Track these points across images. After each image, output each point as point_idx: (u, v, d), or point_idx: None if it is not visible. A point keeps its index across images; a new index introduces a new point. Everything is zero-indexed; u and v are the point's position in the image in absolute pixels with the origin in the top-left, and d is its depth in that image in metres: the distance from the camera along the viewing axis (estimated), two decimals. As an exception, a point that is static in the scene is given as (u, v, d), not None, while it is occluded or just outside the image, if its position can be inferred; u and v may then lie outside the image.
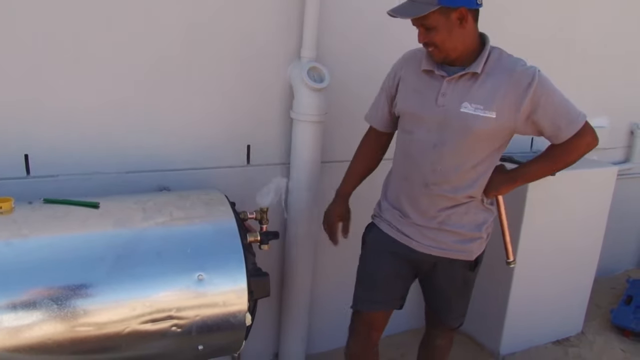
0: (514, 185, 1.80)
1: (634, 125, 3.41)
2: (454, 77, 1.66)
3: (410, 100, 1.76)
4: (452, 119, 1.66)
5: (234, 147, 2.20)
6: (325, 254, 2.52)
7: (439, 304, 1.99)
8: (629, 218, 3.68)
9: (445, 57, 1.65)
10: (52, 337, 1.43)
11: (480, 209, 1.81)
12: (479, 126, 1.63)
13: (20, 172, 1.86)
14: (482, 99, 1.63)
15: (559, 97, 1.64)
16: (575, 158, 1.71)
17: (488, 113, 1.62)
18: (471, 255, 1.83)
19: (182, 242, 1.62)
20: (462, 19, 1.58)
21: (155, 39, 1.93)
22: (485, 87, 1.63)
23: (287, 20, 2.13)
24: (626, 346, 2.91)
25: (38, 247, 1.49)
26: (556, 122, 1.64)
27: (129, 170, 2.01)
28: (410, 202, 1.81)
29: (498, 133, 1.68)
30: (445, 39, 1.60)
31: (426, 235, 1.80)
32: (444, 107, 1.67)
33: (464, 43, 1.62)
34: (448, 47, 1.62)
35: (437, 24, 1.58)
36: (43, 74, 1.80)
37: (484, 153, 1.71)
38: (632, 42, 3.22)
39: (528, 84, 1.60)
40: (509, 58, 1.68)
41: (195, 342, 1.60)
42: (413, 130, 1.76)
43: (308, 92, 2.11)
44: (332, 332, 2.70)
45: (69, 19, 1.78)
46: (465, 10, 1.57)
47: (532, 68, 1.64)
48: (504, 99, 1.62)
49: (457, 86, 1.66)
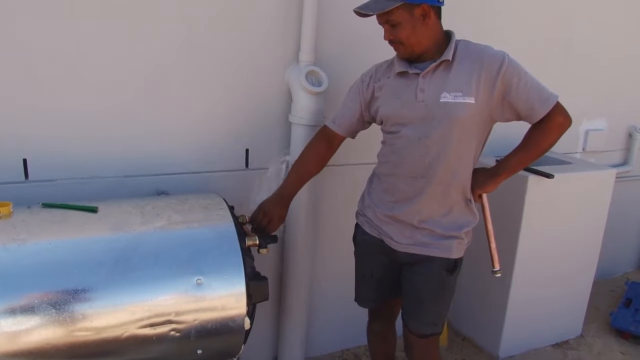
0: (497, 180, 1.81)
1: (632, 128, 3.41)
2: (428, 70, 1.70)
3: (391, 103, 1.78)
4: (434, 111, 1.69)
5: (233, 150, 2.20)
6: (323, 258, 2.52)
7: (412, 306, 1.91)
8: (627, 220, 3.68)
9: (411, 53, 1.71)
10: (51, 342, 1.42)
11: (463, 211, 1.82)
12: (461, 113, 1.67)
13: (19, 177, 1.86)
14: (459, 85, 1.67)
15: (530, 78, 1.68)
16: (551, 140, 1.73)
17: (467, 99, 1.66)
18: (449, 252, 1.81)
19: (181, 246, 1.61)
20: (425, 15, 1.64)
21: (154, 44, 1.93)
22: (460, 74, 1.67)
23: (285, 24, 2.13)
24: (625, 349, 2.91)
25: (36, 251, 1.49)
26: (529, 102, 1.67)
27: (128, 174, 2.01)
28: (397, 195, 1.82)
29: (479, 119, 1.71)
30: (410, 35, 1.66)
31: (404, 233, 1.82)
32: (424, 101, 1.70)
33: (428, 38, 1.68)
34: (413, 43, 1.68)
35: (401, 20, 1.64)
36: (42, 79, 1.80)
37: (467, 143, 1.73)
38: (631, 45, 3.22)
39: (499, 67, 1.64)
40: (477, 46, 1.72)
41: (194, 346, 1.60)
42: (399, 130, 1.78)
43: (306, 95, 2.11)
44: (331, 336, 2.70)
45: (69, 23, 1.79)
46: (427, 7, 1.63)
47: (500, 52, 1.69)
48: (479, 84, 1.66)
49: (433, 79, 1.70)
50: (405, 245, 1.83)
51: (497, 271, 1.96)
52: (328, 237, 2.50)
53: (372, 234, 1.92)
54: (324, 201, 2.37)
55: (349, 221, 2.04)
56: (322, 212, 2.36)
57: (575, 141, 3.18)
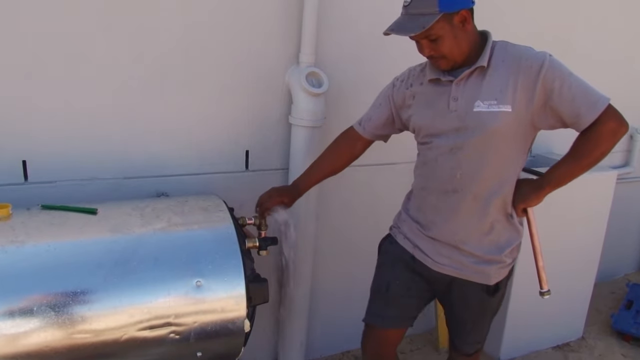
0: (542, 193, 1.63)
1: (633, 129, 3.40)
2: (461, 77, 1.59)
3: (423, 113, 1.69)
4: (467, 121, 1.58)
5: (233, 152, 2.19)
6: (324, 260, 2.51)
7: (454, 326, 1.88)
8: (628, 222, 3.68)
9: (454, 64, 1.59)
10: (50, 344, 1.42)
11: (505, 227, 1.68)
12: (496, 123, 1.54)
13: (18, 178, 1.85)
14: (493, 93, 1.54)
15: (576, 81, 1.51)
16: (603, 149, 1.53)
17: (503, 107, 1.52)
18: (488, 278, 1.70)
19: (181, 248, 1.61)
20: (464, 21, 1.53)
21: (154, 45, 1.92)
22: (495, 81, 1.54)
23: (286, 25, 2.13)
24: (627, 351, 2.90)
25: (35, 253, 1.48)
26: (575, 107, 1.50)
27: (127, 176, 2.01)
28: (430, 213, 1.73)
29: (517, 128, 1.56)
30: (452, 46, 1.54)
31: (441, 252, 1.71)
32: (457, 111, 1.59)
33: (468, 44, 1.57)
34: (456, 54, 1.56)
35: (442, 33, 1.52)
36: (41, 80, 1.80)
37: (505, 155, 1.60)
38: (631, 46, 3.22)
39: (538, 69, 1.50)
40: (515, 47, 1.59)
41: (194, 348, 1.59)
42: (431, 140, 1.68)
43: (307, 97, 2.11)
44: (331, 338, 2.69)
45: (69, 24, 1.78)
46: (466, 12, 1.52)
47: (541, 53, 1.54)
48: (517, 90, 1.52)
49: (466, 87, 1.58)
50: (441, 265, 1.71)
51: (546, 292, 1.83)
52: (328, 239, 2.49)
53: (404, 246, 1.80)
54: (325, 203, 2.36)
55: (350, 223, 2.03)
56: (322, 214, 2.36)
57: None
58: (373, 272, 1.93)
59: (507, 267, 1.74)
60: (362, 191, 2.00)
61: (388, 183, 1.86)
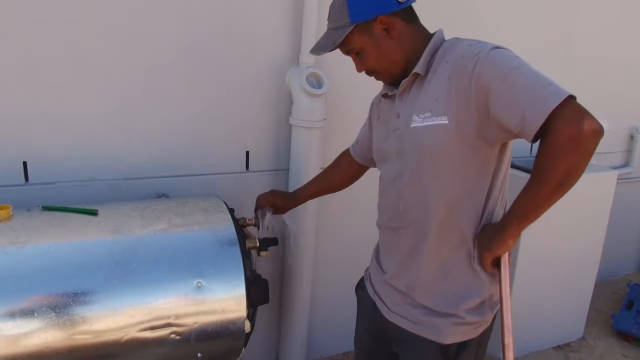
0: (504, 235, 1.24)
1: (634, 129, 3.41)
2: (402, 89, 1.33)
3: (376, 135, 1.51)
4: (405, 141, 1.32)
5: (233, 153, 2.20)
6: (324, 260, 2.51)
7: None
8: (629, 222, 3.68)
9: (392, 77, 1.37)
10: (50, 345, 1.42)
11: (465, 272, 1.35)
12: (432, 139, 1.24)
13: (19, 180, 1.85)
14: (428, 103, 1.25)
15: (522, 76, 1.11)
16: (567, 165, 1.08)
17: (438, 119, 1.22)
18: (438, 335, 1.35)
19: (181, 249, 1.61)
20: (389, 28, 1.29)
21: (154, 46, 1.93)
22: (433, 88, 1.24)
23: (286, 26, 2.13)
24: (627, 351, 2.90)
25: (36, 254, 1.48)
26: (518, 110, 1.10)
27: (127, 177, 2.01)
28: (384, 254, 1.52)
29: (462, 144, 1.22)
30: (379, 59, 1.33)
31: (395, 299, 1.45)
32: (399, 129, 1.34)
33: (402, 52, 1.31)
34: (386, 66, 1.34)
35: (361, 45, 1.32)
36: (42, 82, 1.80)
37: (453, 178, 1.26)
38: (632, 45, 3.22)
39: (472, 67, 1.15)
40: (462, 43, 1.24)
41: (194, 349, 1.59)
42: (380, 167, 1.49)
43: (307, 98, 2.11)
44: (331, 338, 2.69)
45: (68, 25, 1.79)
46: (385, 17, 1.27)
47: (481, 46, 1.18)
48: (451, 95, 1.20)
49: (407, 101, 1.32)
50: (394, 314, 1.45)
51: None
52: (328, 240, 2.49)
53: (368, 292, 1.60)
54: (325, 204, 2.36)
55: (349, 223, 2.03)
56: (322, 213, 2.36)
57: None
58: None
59: (466, 326, 1.36)
60: (363, 190, 2.00)
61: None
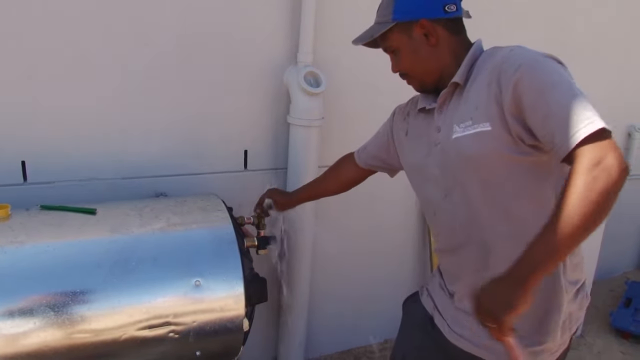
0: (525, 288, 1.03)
1: (631, 127, 3.41)
2: (441, 102, 1.30)
3: (410, 154, 1.44)
4: (449, 154, 1.26)
5: (231, 152, 2.20)
6: (323, 259, 2.51)
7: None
8: (627, 220, 3.68)
9: (422, 85, 1.36)
10: (49, 344, 1.42)
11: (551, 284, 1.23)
12: (475, 147, 1.18)
13: (17, 179, 1.86)
14: (469, 112, 1.20)
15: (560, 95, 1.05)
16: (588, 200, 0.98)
17: (480, 127, 1.16)
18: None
19: (179, 247, 1.61)
20: (429, 34, 1.27)
21: (152, 45, 1.93)
22: (472, 96, 1.21)
23: (284, 25, 2.13)
24: (626, 349, 2.91)
25: (34, 253, 1.49)
26: (547, 130, 1.06)
27: (126, 176, 2.01)
28: (447, 277, 1.42)
29: (512, 151, 1.14)
30: (413, 62, 1.31)
31: (460, 320, 1.33)
32: (440, 143, 1.29)
33: (438, 62, 1.29)
34: (419, 72, 1.32)
35: (398, 45, 1.31)
36: (40, 81, 1.80)
37: (511, 189, 1.18)
38: (628, 43, 3.22)
39: (513, 72, 1.11)
40: (502, 50, 1.21)
41: (193, 348, 1.59)
42: (423, 184, 1.40)
43: (305, 96, 2.11)
44: (330, 337, 2.69)
45: (66, 24, 1.79)
46: (428, 23, 1.26)
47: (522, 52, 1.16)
48: (492, 100, 1.15)
49: (447, 113, 1.28)
50: (457, 336, 1.33)
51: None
52: (327, 238, 2.49)
53: (425, 306, 1.48)
54: (323, 202, 2.37)
55: (348, 222, 2.04)
56: (321, 212, 2.36)
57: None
58: (372, 270, 1.92)
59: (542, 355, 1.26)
60: (362, 189, 2.00)
61: (388, 180, 1.86)
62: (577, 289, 1.33)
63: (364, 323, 2.15)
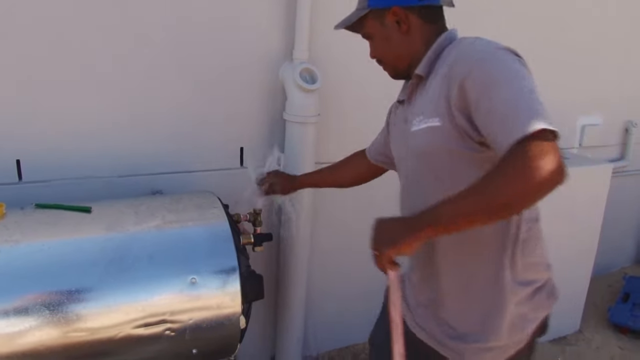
0: (415, 235, 1.06)
1: (629, 122, 3.41)
2: (409, 93, 1.30)
3: (393, 141, 1.47)
4: (408, 146, 1.28)
5: (227, 149, 2.19)
6: (320, 255, 2.51)
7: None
8: (624, 215, 3.68)
9: (395, 72, 1.36)
10: (45, 343, 1.41)
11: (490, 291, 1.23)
12: (425, 142, 1.19)
13: (12, 178, 1.85)
14: (423, 106, 1.21)
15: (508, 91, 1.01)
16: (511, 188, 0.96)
17: (430, 121, 1.16)
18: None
19: (175, 245, 1.61)
20: (401, 21, 1.26)
21: (148, 43, 1.92)
22: (431, 90, 1.19)
23: (279, 21, 2.12)
24: (624, 344, 2.91)
25: (30, 252, 1.48)
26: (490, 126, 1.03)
27: (121, 174, 2.00)
28: (409, 266, 1.47)
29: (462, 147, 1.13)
30: (385, 49, 1.32)
31: (416, 311, 1.38)
32: (405, 133, 1.31)
33: (408, 48, 1.28)
34: (391, 58, 1.33)
35: (372, 31, 1.33)
36: (35, 80, 1.79)
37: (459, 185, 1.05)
38: (626, 39, 3.22)
39: (467, 71, 1.07)
40: (465, 41, 1.17)
41: (189, 345, 1.59)
42: (399, 176, 1.43)
43: (300, 93, 2.11)
44: (328, 334, 2.69)
45: (63, 23, 1.78)
46: (400, 10, 1.25)
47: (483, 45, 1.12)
48: (443, 95, 1.14)
49: (414, 104, 1.28)
50: (418, 328, 1.36)
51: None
52: (324, 235, 2.49)
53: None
54: (321, 199, 2.37)
55: (346, 219, 2.03)
56: (320, 209, 2.36)
57: (571, 136, 3.17)
58: (371, 267, 1.90)
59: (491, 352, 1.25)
60: (361, 188, 2.00)
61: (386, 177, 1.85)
62: (535, 289, 1.32)
63: (362, 320, 2.15)
